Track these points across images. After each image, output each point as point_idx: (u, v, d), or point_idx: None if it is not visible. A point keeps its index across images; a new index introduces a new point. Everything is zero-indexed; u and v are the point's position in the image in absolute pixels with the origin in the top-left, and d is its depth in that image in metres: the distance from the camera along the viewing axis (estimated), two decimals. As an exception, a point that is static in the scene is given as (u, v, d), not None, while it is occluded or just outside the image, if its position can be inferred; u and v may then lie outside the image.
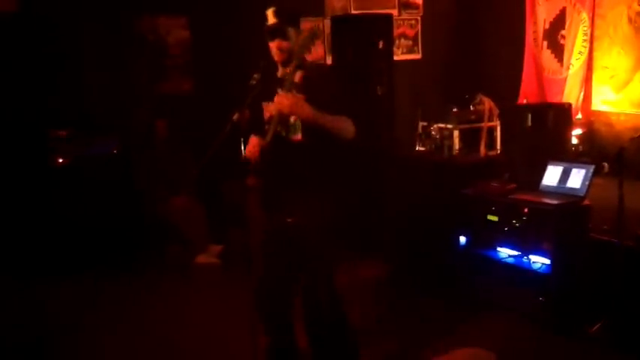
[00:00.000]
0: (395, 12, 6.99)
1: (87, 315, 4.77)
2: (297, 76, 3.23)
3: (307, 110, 3.14)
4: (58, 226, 5.73)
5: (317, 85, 3.27)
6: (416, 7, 7.29)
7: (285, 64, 3.29)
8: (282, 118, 3.21)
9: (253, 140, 3.26)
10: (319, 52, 6.98)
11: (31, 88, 5.92)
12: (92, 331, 4.51)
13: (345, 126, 3.25)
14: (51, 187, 5.81)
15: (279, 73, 3.34)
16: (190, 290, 5.24)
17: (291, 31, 3.28)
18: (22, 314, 4.79)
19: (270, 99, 3.27)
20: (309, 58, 3.54)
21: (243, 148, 3.24)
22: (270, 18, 3.31)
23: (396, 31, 6.85)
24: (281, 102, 3.13)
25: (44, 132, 5.92)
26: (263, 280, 3.41)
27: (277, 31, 3.27)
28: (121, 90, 6.35)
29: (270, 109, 3.31)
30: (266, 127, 3.29)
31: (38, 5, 5.99)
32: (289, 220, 3.29)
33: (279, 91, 3.19)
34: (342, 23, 6.24)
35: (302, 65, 3.28)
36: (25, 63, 5.91)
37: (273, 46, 3.30)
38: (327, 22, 6.73)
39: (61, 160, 5.90)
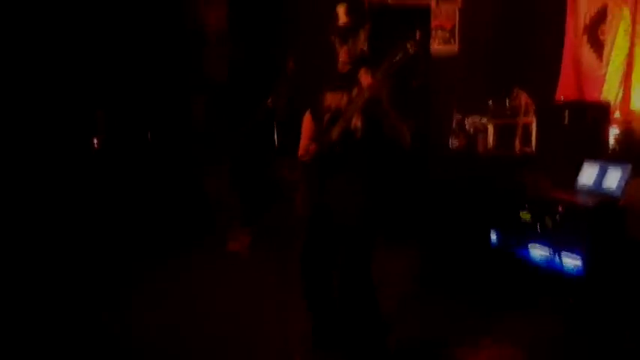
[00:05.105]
0: (433, 3, 6.91)
1: (130, 290, 4.82)
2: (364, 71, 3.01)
3: (385, 99, 2.97)
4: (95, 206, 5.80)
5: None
6: (454, -2, 7.19)
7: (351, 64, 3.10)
8: (348, 118, 3.06)
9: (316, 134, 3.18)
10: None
11: (76, 68, 6.00)
12: (129, 306, 4.53)
13: (406, 133, 3.13)
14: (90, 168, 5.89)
15: (341, 68, 3.16)
16: (222, 272, 5.21)
17: (362, 35, 3.11)
18: (73, 289, 4.83)
19: (333, 90, 3.16)
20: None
21: (276, 132, 3.18)
22: (342, 16, 3.08)
23: (433, 23, 6.77)
24: (368, 81, 2.93)
25: (88, 112, 6.00)
26: (306, 254, 3.37)
27: (350, 34, 3.08)
28: (161, 72, 6.39)
29: (331, 98, 3.18)
30: (325, 115, 3.17)
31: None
32: (335, 204, 3.22)
33: (366, 71, 2.99)
34: (378, 13, 6.18)
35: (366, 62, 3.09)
36: (70, 42, 5.97)
37: (342, 49, 3.13)
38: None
39: (95, 141, 5.96)
